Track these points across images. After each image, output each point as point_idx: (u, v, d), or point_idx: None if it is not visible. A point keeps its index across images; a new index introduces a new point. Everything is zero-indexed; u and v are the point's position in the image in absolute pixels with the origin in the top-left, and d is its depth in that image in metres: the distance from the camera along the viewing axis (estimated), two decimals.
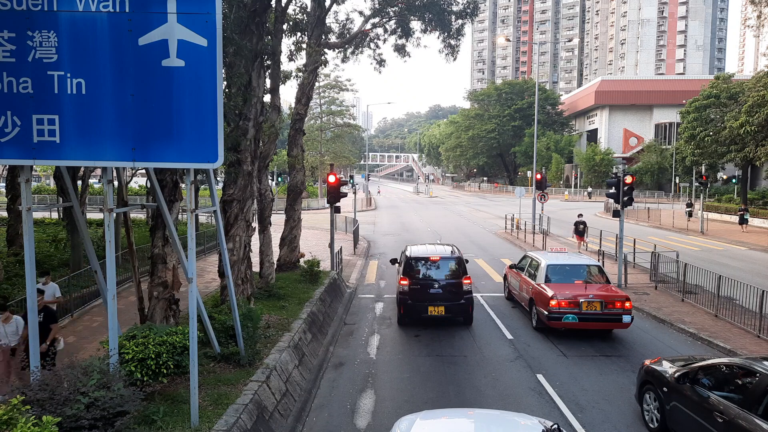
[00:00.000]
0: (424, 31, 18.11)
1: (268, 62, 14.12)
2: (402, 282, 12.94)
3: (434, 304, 12.62)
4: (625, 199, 16.65)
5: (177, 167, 6.70)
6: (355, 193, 37.41)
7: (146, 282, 9.20)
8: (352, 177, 52.34)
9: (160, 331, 7.13)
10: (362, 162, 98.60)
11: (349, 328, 13.26)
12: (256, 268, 14.86)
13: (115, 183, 7.77)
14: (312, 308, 12.61)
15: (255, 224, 14.88)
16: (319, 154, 59.74)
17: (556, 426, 4.67)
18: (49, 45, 6.06)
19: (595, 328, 12.02)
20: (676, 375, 7.38)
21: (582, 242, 24.01)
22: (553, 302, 11.85)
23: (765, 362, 6.28)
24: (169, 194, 8.13)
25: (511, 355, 11.10)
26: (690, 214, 38.78)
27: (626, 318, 11.71)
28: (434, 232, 32.98)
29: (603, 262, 18.19)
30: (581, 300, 11.73)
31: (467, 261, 13.69)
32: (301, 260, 17.03)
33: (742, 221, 34.26)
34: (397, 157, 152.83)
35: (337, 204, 18.17)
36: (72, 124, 6.14)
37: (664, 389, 7.55)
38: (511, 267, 15.56)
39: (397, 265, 15.08)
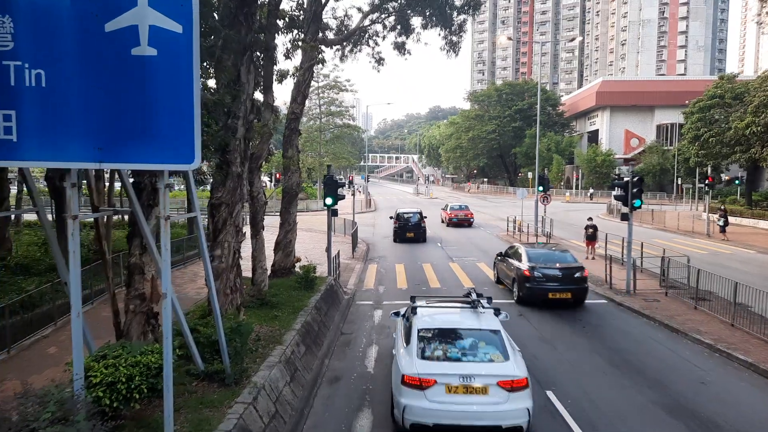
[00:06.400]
0: (425, 27, 17.44)
1: (262, 58, 13.46)
2: (395, 224, 29.85)
3: (409, 232, 29.09)
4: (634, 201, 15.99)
5: (148, 169, 6.04)
6: (353, 194, 36.68)
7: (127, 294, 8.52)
8: (351, 181, 51.55)
9: (134, 350, 6.45)
10: (362, 163, 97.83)
11: (346, 338, 12.58)
12: (249, 273, 14.19)
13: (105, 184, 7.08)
14: (306, 318, 11.93)
15: (247, 228, 14.21)
16: (318, 155, 59.05)
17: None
18: (4, 31, 5.36)
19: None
20: (501, 252, 18.28)
21: (592, 247, 23.26)
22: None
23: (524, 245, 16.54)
24: (147, 198, 7.46)
25: None
26: (725, 225, 30.55)
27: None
28: (434, 234, 32.28)
29: (610, 267, 17.50)
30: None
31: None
32: (297, 265, 16.36)
33: (723, 229, 30.03)
34: (397, 158, 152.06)
35: (335, 207, 17.51)
36: (31, 121, 5.45)
37: (497, 259, 18.17)
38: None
39: (392, 219, 30.89)
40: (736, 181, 44.83)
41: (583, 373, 10.26)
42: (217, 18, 9.00)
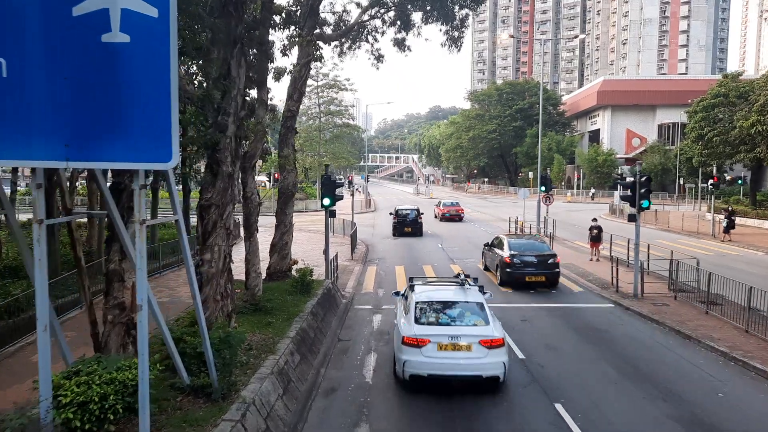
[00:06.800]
0: (426, 21, 16.90)
1: (255, 55, 12.95)
2: (394, 219, 31.99)
3: (407, 227, 31.40)
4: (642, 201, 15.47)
5: (121, 168, 5.54)
6: (352, 194, 36.22)
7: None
8: (351, 181, 51.01)
9: (110, 365, 5.93)
10: (362, 163, 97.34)
11: (344, 344, 12.05)
12: (242, 276, 13.67)
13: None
14: (302, 324, 11.40)
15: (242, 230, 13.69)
16: (317, 155, 58.47)
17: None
18: None
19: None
20: (487, 243, 20.26)
21: (596, 248, 22.71)
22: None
23: (506, 236, 19.42)
24: (128, 200, 6.94)
25: (524, 379, 9.87)
26: (730, 227, 29.57)
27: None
28: (435, 235, 31.78)
29: (617, 270, 16.98)
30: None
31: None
32: (294, 267, 15.84)
33: (730, 227, 29.40)
34: (397, 158, 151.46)
35: (333, 208, 16.99)
36: None
37: (485, 248, 20.16)
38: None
39: (391, 215, 33.01)
40: (739, 181, 44.25)
41: (593, 383, 9.73)
42: (206, 9, 8.48)
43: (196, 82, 12.10)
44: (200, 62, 9.13)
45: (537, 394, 9.19)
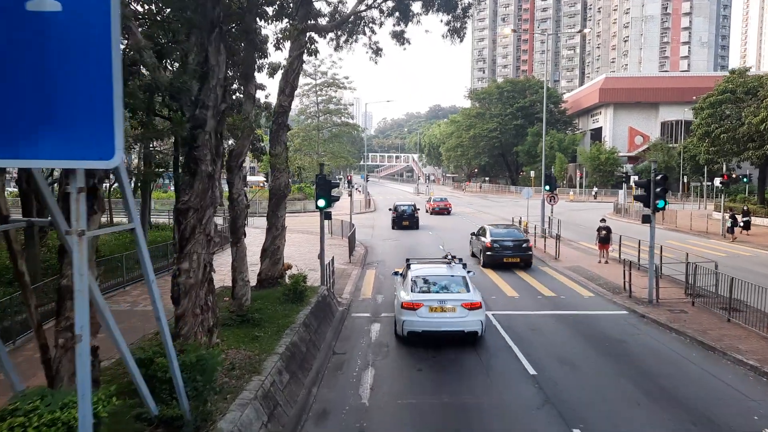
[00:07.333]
0: (426, 11, 15.92)
1: (243, 45, 12.01)
2: (393, 214, 35.10)
3: (405, 220, 34.28)
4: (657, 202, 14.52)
5: (54, 166, 4.62)
6: (350, 195, 35.40)
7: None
8: (350, 180, 50.11)
9: (56, 401, 4.99)
10: (362, 162, 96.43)
11: (339, 359, 11.11)
12: (228, 283, 12.73)
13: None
14: (293, 337, 10.46)
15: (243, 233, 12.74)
16: (316, 154, 57.56)
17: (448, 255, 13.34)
18: None
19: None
20: (473, 232, 23.63)
21: (605, 250, 21.74)
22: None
23: (489, 226, 22.56)
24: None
25: (537, 399, 8.92)
26: (736, 226, 29.18)
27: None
28: (437, 236, 30.83)
29: (630, 273, 16.02)
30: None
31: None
32: (287, 273, 14.91)
33: (737, 226, 28.88)
34: (397, 157, 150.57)
35: (328, 209, 16.05)
36: None
37: (472, 237, 23.67)
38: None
39: (390, 211, 35.91)
40: (744, 179, 43.18)
41: (614, 404, 8.78)
42: None
43: (184, 80, 11.14)
44: (172, 48, 8.17)
45: (552, 418, 8.24)
